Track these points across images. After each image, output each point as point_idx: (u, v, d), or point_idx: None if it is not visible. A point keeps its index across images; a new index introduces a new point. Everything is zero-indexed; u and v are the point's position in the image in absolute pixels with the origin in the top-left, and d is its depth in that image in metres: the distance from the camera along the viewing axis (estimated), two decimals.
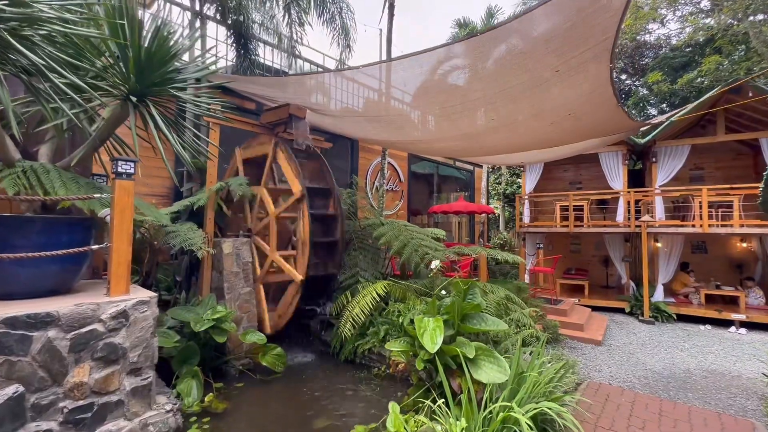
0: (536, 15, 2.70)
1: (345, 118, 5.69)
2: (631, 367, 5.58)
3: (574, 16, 2.59)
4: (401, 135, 6.13)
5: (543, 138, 4.49)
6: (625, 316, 9.05)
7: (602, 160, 10.47)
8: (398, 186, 10.42)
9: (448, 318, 3.21)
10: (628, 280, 9.91)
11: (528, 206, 11.31)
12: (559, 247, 12.06)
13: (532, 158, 8.17)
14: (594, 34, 2.62)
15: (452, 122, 4.66)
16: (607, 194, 10.34)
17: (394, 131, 6.22)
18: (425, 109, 4.72)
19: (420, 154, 10.29)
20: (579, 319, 7.53)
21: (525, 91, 3.27)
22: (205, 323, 3.78)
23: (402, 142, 6.80)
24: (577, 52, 2.67)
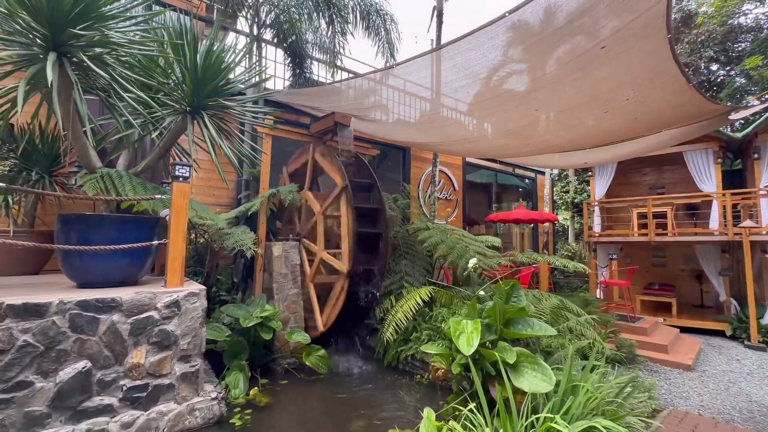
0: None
1: (394, 123, 5.74)
2: (730, 398, 4.67)
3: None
4: (448, 135, 5.99)
5: (599, 131, 4.04)
6: (725, 340, 7.67)
7: (688, 159, 9.21)
8: (452, 195, 10.18)
9: (489, 322, 2.97)
10: (728, 297, 8.44)
11: (598, 213, 10.30)
12: (639, 260, 10.72)
13: (597, 158, 7.45)
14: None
15: (498, 115, 4.42)
16: (696, 197, 9.01)
17: (441, 131, 6.11)
18: (471, 104, 4.53)
19: (467, 156, 9.98)
20: (662, 340, 6.55)
21: (569, 73, 2.96)
22: (253, 320, 3.97)
23: (448, 143, 6.64)
24: (622, 21, 2.36)
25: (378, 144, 8.51)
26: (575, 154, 7.29)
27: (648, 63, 2.79)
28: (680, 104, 3.60)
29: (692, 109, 3.90)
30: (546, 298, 4.61)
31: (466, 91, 4.24)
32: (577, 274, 12.16)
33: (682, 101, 3.55)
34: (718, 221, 8.45)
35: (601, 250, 10.16)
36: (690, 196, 9.14)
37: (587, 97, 3.29)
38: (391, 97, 5.88)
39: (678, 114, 3.86)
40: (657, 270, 10.75)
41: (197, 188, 6.19)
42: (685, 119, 4.14)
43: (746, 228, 7.37)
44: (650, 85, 3.07)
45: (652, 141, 5.80)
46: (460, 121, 5.74)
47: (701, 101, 3.61)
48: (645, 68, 2.90)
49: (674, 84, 3.11)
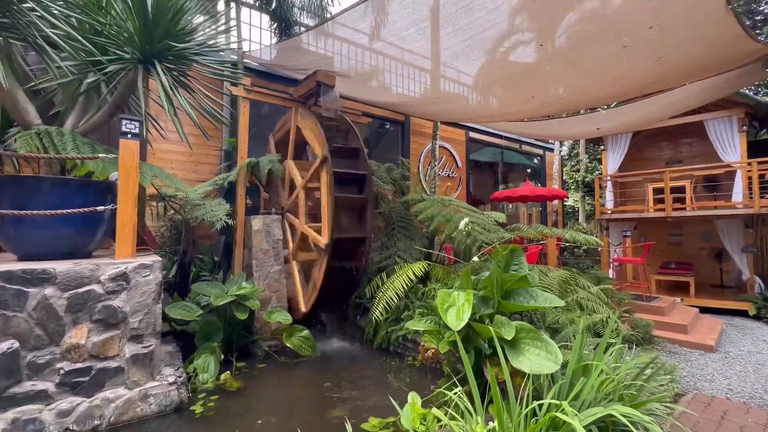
0: None
1: (390, 84, 5.22)
2: (761, 380, 4.19)
3: None
4: (447, 98, 5.47)
5: (617, 78, 3.48)
6: (748, 320, 7.14)
7: (710, 128, 8.52)
8: (455, 172, 9.66)
9: (485, 294, 2.53)
10: (752, 275, 7.86)
11: (611, 189, 9.69)
12: (654, 238, 10.11)
13: (611, 125, 6.84)
14: None
15: (499, 61, 3.88)
16: (719, 168, 8.34)
17: (440, 94, 5.58)
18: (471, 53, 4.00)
19: (469, 122, 9.39)
20: (681, 320, 6.05)
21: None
22: (226, 298, 3.59)
23: (451, 111, 6.10)
24: None
25: (374, 117, 8.00)
26: (587, 121, 6.71)
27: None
28: (713, 38, 3.03)
29: (726, 49, 3.32)
30: (554, 271, 4.15)
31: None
32: (588, 254, 11.61)
33: (716, 33, 2.99)
34: (742, 194, 7.81)
35: (613, 228, 9.59)
36: (712, 167, 8.47)
37: (602, 25, 2.76)
38: (388, 67, 5.37)
39: (710, 54, 3.29)
40: (673, 248, 10.15)
41: (178, 164, 5.79)
42: (718, 64, 3.57)
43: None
44: (679, 4, 2.53)
45: (676, 98, 5.20)
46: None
47: (739, 35, 3.04)
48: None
49: (708, 3, 2.56)
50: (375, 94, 5.77)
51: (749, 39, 3.23)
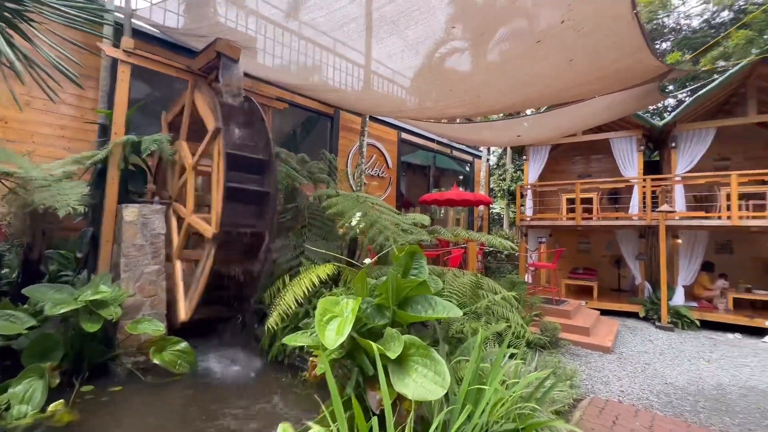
0: None
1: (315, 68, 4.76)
2: (647, 381, 4.46)
3: None
4: (373, 97, 5.20)
5: (532, 75, 3.43)
6: (639, 321, 7.85)
7: (614, 146, 9.34)
8: (385, 172, 9.42)
9: (380, 302, 2.20)
10: (643, 281, 8.71)
11: (531, 197, 10.21)
12: (567, 245, 10.88)
13: (531, 135, 7.09)
14: None
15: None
16: (620, 182, 9.18)
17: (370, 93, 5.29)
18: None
19: (402, 118, 9.29)
20: (584, 323, 6.40)
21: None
22: (70, 305, 2.83)
23: (383, 106, 5.84)
24: None
25: (300, 107, 7.44)
26: (512, 127, 6.87)
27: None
28: (619, 45, 3.06)
29: (630, 60, 3.40)
30: (466, 275, 4.00)
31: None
32: (509, 259, 12.16)
33: (621, 41, 3.01)
34: (638, 206, 8.64)
35: (531, 234, 10.09)
36: (615, 181, 9.29)
37: (515, 13, 2.62)
38: (311, 53, 4.89)
39: (616, 63, 3.35)
40: (582, 255, 10.99)
41: (43, 138, 4.72)
42: (623, 76, 3.68)
43: (663, 212, 7.51)
44: (590, 2, 2.45)
45: (587, 112, 5.46)
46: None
47: (641, 47, 3.10)
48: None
49: (616, 5, 2.52)
50: (295, 77, 5.25)
51: (650, 54, 3.33)
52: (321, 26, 4.14)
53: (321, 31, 4.38)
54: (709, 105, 8.75)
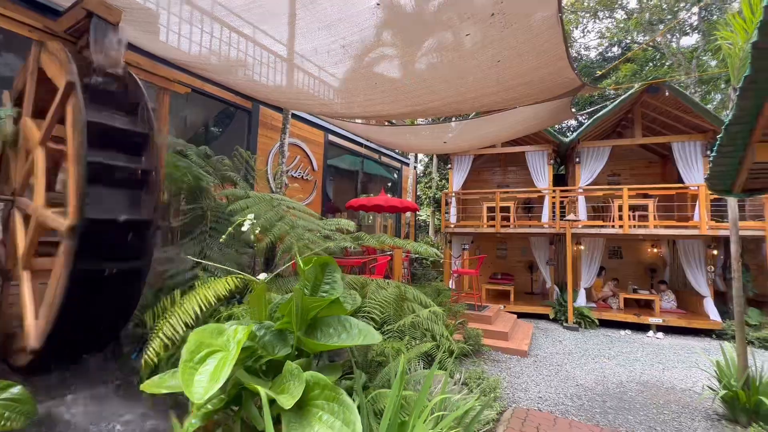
0: None
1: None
2: (561, 383, 4.61)
3: None
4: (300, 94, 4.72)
5: (459, 72, 3.30)
6: (549, 323, 8.41)
7: (528, 158, 10.03)
8: (310, 175, 8.87)
9: (282, 326, 1.76)
10: (553, 285, 9.40)
11: (455, 205, 10.48)
12: (487, 252, 11.41)
13: (456, 142, 7.18)
14: None
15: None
16: (533, 192, 9.87)
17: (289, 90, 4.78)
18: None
19: (329, 116, 8.88)
20: (504, 327, 6.58)
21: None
22: None
23: (306, 102, 5.37)
24: None
25: (215, 99, 6.60)
26: (436, 134, 6.86)
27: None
28: (544, 50, 3.05)
29: (551, 68, 3.45)
30: (392, 286, 3.71)
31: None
32: (435, 265, 12.38)
33: (546, 43, 2.99)
34: (548, 215, 9.32)
35: (455, 241, 10.33)
36: (529, 191, 9.95)
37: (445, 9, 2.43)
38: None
39: (539, 68, 3.36)
40: (501, 261, 11.60)
41: None
42: (544, 85, 3.74)
43: (569, 221, 8.15)
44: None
45: (507, 123, 5.62)
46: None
47: (562, 55, 3.13)
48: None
49: (544, 4, 2.45)
50: (207, 62, 4.53)
51: (568, 63, 3.40)
52: (236, 9, 3.59)
53: (236, 14, 3.82)
54: (605, 126, 9.85)
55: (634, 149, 10.63)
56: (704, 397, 4.03)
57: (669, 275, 9.60)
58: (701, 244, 8.04)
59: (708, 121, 8.08)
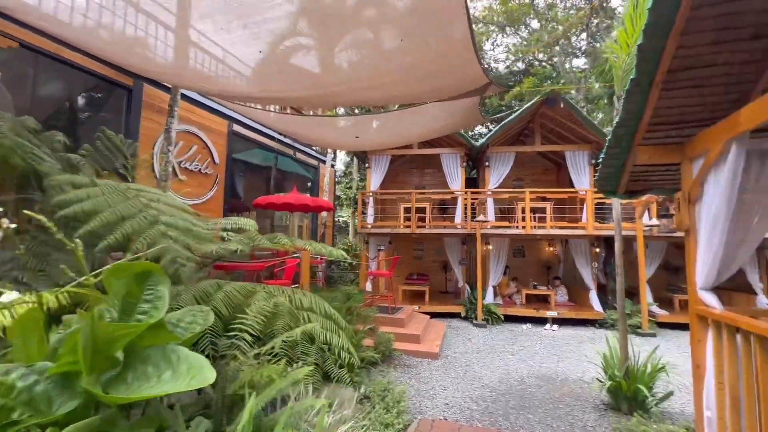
0: None
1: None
2: (467, 385, 4.54)
3: None
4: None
5: (360, 45, 2.96)
6: (461, 321, 8.60)
7: (443, 160, 10.25)
8: (210, 169, 7.83)
9: (70, 369, 1.17)
10: (464, 283, 9.69)
11: (372, 205, 10.25)
12: (403, 253, 11.42)
13: (370, 137, 6.89)
14: None
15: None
16: (447, 194, 10.09)
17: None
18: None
19: (230, 98, 7.96)
20: (416, 329, 6.45)
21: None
22: None
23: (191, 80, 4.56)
24: None
25: (82, 70, 5.35)
26: (349, 128, 6.48)
27: None
28: (449, 37, 2.83)
29: (459, 61, 3.27)
30: (288, 292, 3.21)
31: None
32: (352, 267, 12.02)
33: (451, 30, 2.77)
34: (460, 216, 9.59)
35: (372, 242, 10.09)
36: (443, 193, 10.15)
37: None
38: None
39: (445, 55, 3.15)
40: (417, 262, 11.69)
41: None
42: (452, 77, 3.57)
43: (480, 221, 8.44)
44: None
45: (421, 120, 5.47)
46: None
47: (468, 45, 2.95)
48: None
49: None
50: (67, 23, 3.48)
51: (474, 56, 3.25)
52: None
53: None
54: (510, 133, 10.50)
55: (534, 157, 11.58)
56: (594, 389, 4.25)
57: (562, 271, 10.58)
58: (587, 243, 8.93)
59: (594, 134, 9.04)
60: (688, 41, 2.43)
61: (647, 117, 2.89)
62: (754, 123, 2.12)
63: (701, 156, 2.78)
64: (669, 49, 2.47)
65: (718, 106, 2.81)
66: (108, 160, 4.87)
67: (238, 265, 5.95)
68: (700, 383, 2.75)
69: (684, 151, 2.98)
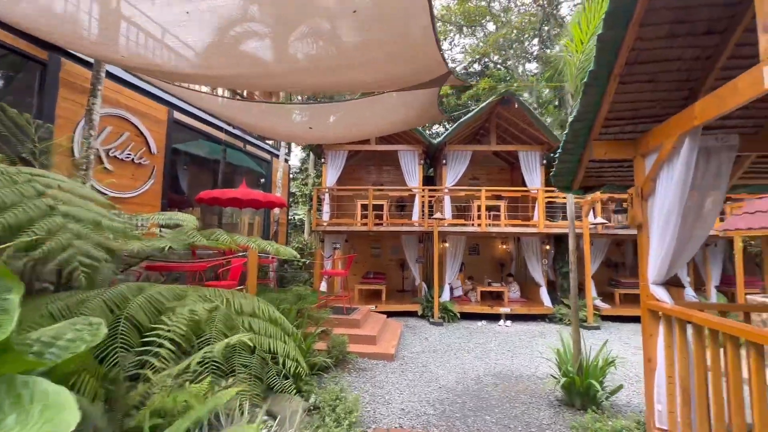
0: None
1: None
2: (424, 387, 4.37)
3: None
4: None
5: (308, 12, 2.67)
6: (418, 320, 8.50)
7: (401, 157, 10.10)
8: (146, 159, 7.05)
9: None
10: (421, 282, 9.62)
11: (328, 202, 9.86)
12: (360, 251, 11.15)
13: (323, 131, 6.55)
14: None
15: None
16: (405, 191, 9.95)
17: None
18: None
19: (169, 77, 7.30)
20: (372, 330, 6.21)
21: None
22: None
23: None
24: None
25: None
26: (303, 119, 6.08)
27: None
28: (407, 16, 2.60)
29: (419, 46, 3.06)
30: (227, 297, 2.82)
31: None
32: (306, 267, 11.54)
33: (410, 9, 2.54)
34: (418, 214, 9.50)
35: (328, 240, 9.71)
36: (401, 190, 10.00)
37: None
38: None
39: (403, 36, 2.92)
40: (374, 260, 11.47)
41: None
42: (410, 63, 3.36)
43: (437, 219, 8.38)
44: None
45: (378, 111, 5.23)
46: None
47: (427, 24, 2.74)
48: None
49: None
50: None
51: (435, 45, 3.06)
52: None
53: None
54: (468, 132, 10.60)
55: (489, 156, 11.81)
56: (548, 385, 4.26)
57: (515, 268, 10.88)
58: (538, 241, 9.21)
59: (545, 135, 9.34)
60: (646, 33, 2.39)
61: (604, 111, 2.87)
62: (708, 116, 2.11)
63: (654, 152, 2.79)
64: (628, 40, 2.42)
65: (668, 102, 2.84)
66: (10, 144, 4.16)
67: (174, 265, 5.35)
68: (651, 377, 2.77)
69: (637, 147, 2.99)
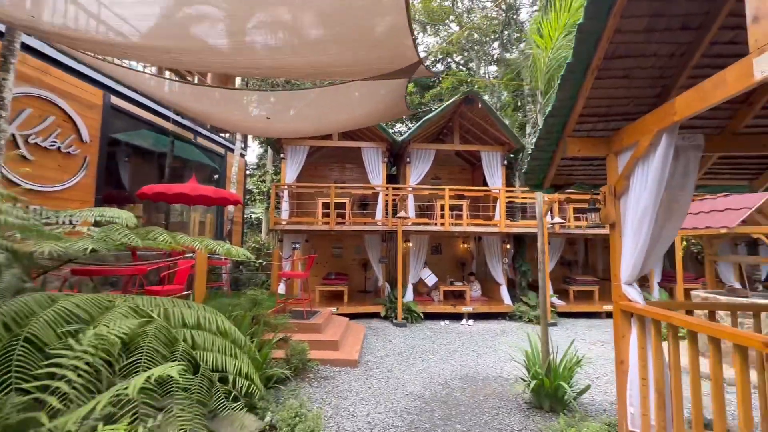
0: None
1: None
2: (390, 396, 4.13)
3: None
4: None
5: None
6: (381, 321, 8.28)
7: (365, 155, 9.82)
8: (77, 148, 6.21)
9: None
10: (384, 282, 9.40)
11: (288, 199, 9.35)
12: (322, 251, 10.73)
13: (282, 123, 6.11)
14: None
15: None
16: (368, 189, 9.68)
17: None
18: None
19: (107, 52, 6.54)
20: (334, 335, 5.88)
21: None
22: None
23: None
24: None
25: None
26: (260, 107, 5.61)
27: None
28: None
29: (387, 28, 2.80)
30: (166, 306, 2.40)
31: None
32: (263, 268, 10.91)
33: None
34: (381, 213, 9.28)
35: (287, 240, 9.21)
36: (364, 188, 9.72)
37: None
38: None
39: (372, 14, 2.65)
40: (336, 260, 11.10)
41: None
42: (379, 48, 3.10)
43: (401, 218, 8.20)
44: None
45: (342, 102, 4.91)
46: None
47: (402, 7, 2.49)
48: None
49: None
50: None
51: (408, 29, 2.83)
52: None
53: None
54: (431, 130, 10.54)
55: (451, 156, 11.87)
56: (517, 389, 4.18)
57: (476, 267, 10.99)
58: (499, 240, 9.33)
59: (506, 136, 9.49)
60: (625, 25, 2.31)
61: (579, 107, 2.78)
62: (690, 112, 2.05)
63: (628, 149, 2.74)
64: (608, 32, 2.33)
65: (641, 100, 2.81)
66: None
67: (107, 269, 4.70)
68: (624, 379, 2.73)
69: (610, 145, 2.95)
